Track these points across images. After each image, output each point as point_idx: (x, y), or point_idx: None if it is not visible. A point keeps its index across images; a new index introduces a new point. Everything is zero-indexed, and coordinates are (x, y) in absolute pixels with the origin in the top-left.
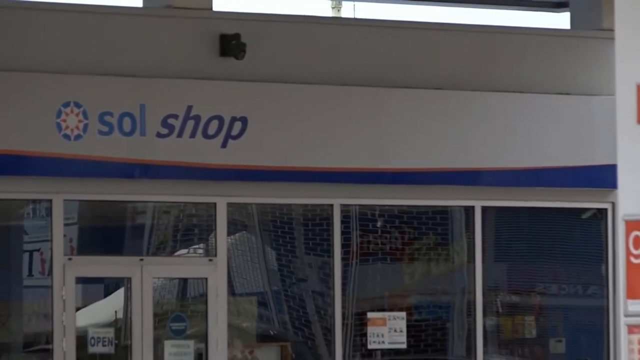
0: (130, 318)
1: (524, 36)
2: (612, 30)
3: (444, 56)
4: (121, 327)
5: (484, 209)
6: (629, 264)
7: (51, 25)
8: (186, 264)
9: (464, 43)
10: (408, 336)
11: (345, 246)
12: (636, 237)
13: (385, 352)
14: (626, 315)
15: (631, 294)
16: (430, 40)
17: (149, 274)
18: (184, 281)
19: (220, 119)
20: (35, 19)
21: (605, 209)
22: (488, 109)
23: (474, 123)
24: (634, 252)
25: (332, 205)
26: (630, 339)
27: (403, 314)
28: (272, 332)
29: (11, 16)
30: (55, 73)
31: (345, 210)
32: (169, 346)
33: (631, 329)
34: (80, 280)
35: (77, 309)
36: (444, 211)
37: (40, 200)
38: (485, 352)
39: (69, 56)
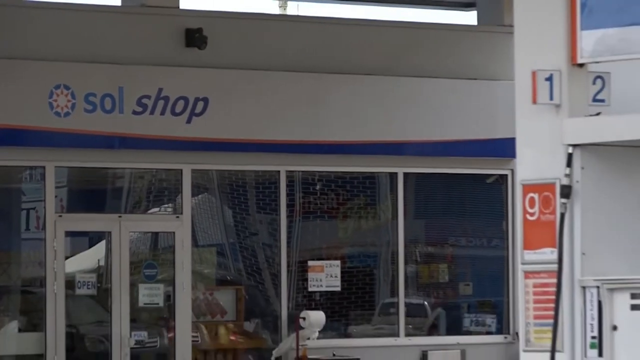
0: (110, 265)
1: (439, 31)
2: (511, 26)
3: (373, 47)
4: (103, 273)
5: (406, 175)
6: (525, 220)
7: (46, 20)
8: (157, 220)
9: (390, 36)
10: (342, 280)
11: (290, 206)
12: (531, 198)
13: (323, 294)
14: (523, 263)
15: (527, 246)
16: (362, 34)
17: (126, 229)
18: (155, 235)
19: (185, 99)
20: (33, 15)
21: (506, 175)
22: (409, 91)
23: (398, 103)
24: (529, 210)
25: (278, 172)
26: (526, 283)
27: (338, 262)
28: (228, 277)
29: (12, 13)
30: (48, 61)
31: (290, 176)
32: (143, 289)
33: (527, 274)
34: (69, 233)
35: (66, 258)
36: (372, 177)
37: (35, 167)
38: (406, 294)
39: (59, 46)
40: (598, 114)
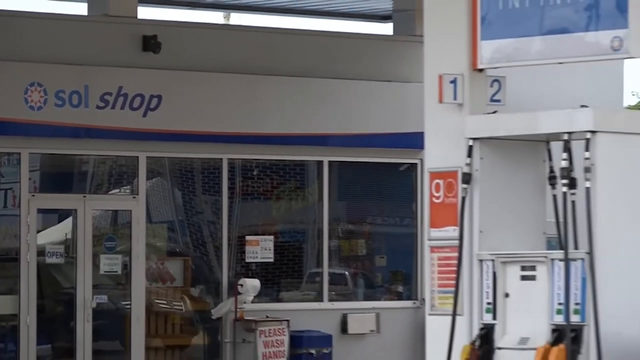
0: (76, 238)
1: (360, 39)
2: (422, 36)
3: (302, 52)
4: (69, 244)
5: (330, 163)
6: (431, 203)
7: (23, 27)
8: (116, 200)
9: (317, 43)
10: (275, 253)
11: (231, 189)
12: (437, 183)
13: (258, 264)
14: (429, 240)
15: (433, 224)
16: (292, 41)
17: (90, 207)
18: (114, 212)
19: (142, 96)
20: (12, 23)
21: (416, 164)
22: (333, 91)
23: (323, 101)
24: (435, 194)
25: (221, 159)
26: (432, 256)
27: (271, 237)
28: (177, 250)
29: None
30: (24, 62)
31: (231, 163)
32: (103, 259)
33: (432, 249)
34: (41, 210)
35: (38, 231)
36: (301, 164)
37: (12, 153)
38: (329, 265)
39: (34, 50)
40: (495, 112)
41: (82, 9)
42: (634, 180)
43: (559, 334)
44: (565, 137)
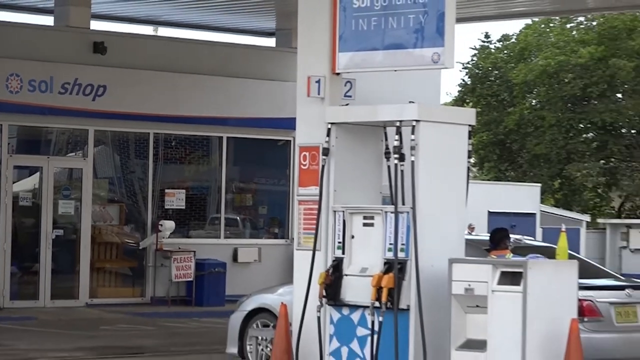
0: (41, 188)
1: (252, 49)
2: (296, 48)
3: (211, 58)
4: (37, 192)
5: (228, 138)
6: (300, 169)
7: (8, 32)
8: (71, 160)
9: (223, 51)
10: (186, 202)
11: (155, 155)
12: (304, 155)
13: (174, 210)
14: (298, 195)
15: (301, 184)
16: (203, 49)
17: (52, 165)
18: (70, 170)
19: (92, 85)
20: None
21: (290, 140)
22: (233, 86)
23: (224, 93)
24: (303, 163)
25: (149, 133)
26: (299, 208)
27: (183, 191)
28: (115, 198)
29: None
30: (7, 58)
31: (156, 136)
32: (61, 203)
33: (300, 202)
34: (16, 167)
35: (14, 182)
36: (207, 138)
37: None
38: (225, 212)
39: (15, 49)
40: (347, 104)
41: (49, 21)
42: (445, 156)
43: (389, 266)
44: (397, 124)
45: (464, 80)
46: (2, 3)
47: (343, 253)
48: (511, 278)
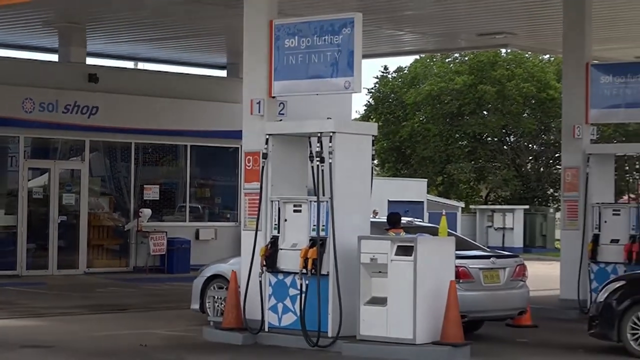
0: (50, 184)
1: (210, 78)
2: (242, 78)
3: (177, 86)
4: (46, 187)
5: (191, 146)
6: (245, 169)
7: (24, 66)
8: (72, 163)
9: (187, 80)
10: (159, 195)
11: (136, 158)
12: (248, 158)
13: (152, 201)
14: (244, 189)
15: (246, 181)
16: (172, 79)
17: (58, 167)
18: (72, 170)
19: (87, 106)
20: (18, 64)
21: (238, 147)
22: (194, 107)
23: (188, 112)
24: (247, 164)
25: (131, 142)
26: (245, 199)
27: (157, 186)
28: (106, 192)
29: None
30: (23, 86)
31: (137, 145)
32: (65, 196)
33: (245, 194)
34: (30, 169)
35: (28, 180)
36: (175, 146)
37: (14, 136)
38: (190, 202)
39: (29, 78)
40: (280, 120)
41: (55, 58)
42: (355, 158)
43: (313, 242)
44: (319, 134)
45: (368, 102)
46: (20, 44)
47: (278, 232)
48: (405, 250)
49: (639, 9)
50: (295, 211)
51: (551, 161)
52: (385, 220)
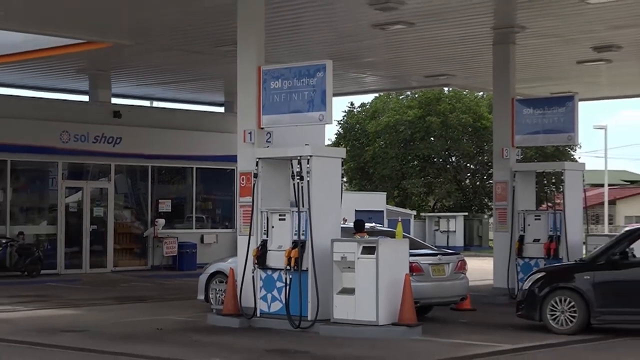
0: (83, 200)
1: (210, 114)
2: (236, 113)
3: (185, 120)
4: (80, 202)
5: (197, 168)
6: (240, 186)
7: (60, 106)
8: (101, 183)
9: (193, 116)
10: (172, 207)
11: (152, 178)
12: (242, 177)
13: (165, 212)
14: (239, 203)
15: (241, 195)
16: (180, 115)
17: (89, 186)
18: (100, 188)
19: (113, 137)
20: (55, 104)
21: (234, 169)
22: (199, 137)
23: (194, 140)
24: (242, 182)
25: (148, 166)
26: (240, 210)
27: (169, 200)
28: (128, 205)
29: (44, 104)
30: (60, 121)
31: (153, 167)
32: (95, 209)
33: (240, 206)
34: (67, 188)
35: (65, 197)
36: (184, 169)
37: (53, 162)
38: (196, 213)
39: (64, 115)
40: (268, 146)
41: (86, 98)
42: (328, 177)
43: (295, 244)
44: (299, 158)
45: (338, 131)
46: (57, 88)
47: (267, 237)
48: (369, 250)
49: (552, 55)
50: (280, 219)
51: (485, 177)
52: (353, 226)
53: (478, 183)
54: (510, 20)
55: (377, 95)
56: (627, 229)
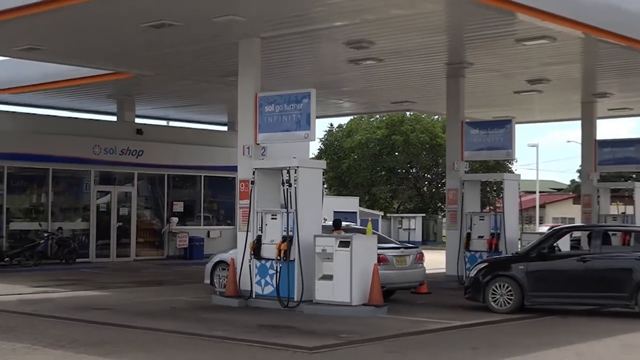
0: (111, 202)
1: (216, 132)
2: (237, 131)
3: (193, 136)
4: (109, 204)
5: (204, 176)
6: (240, 191)
7: (93, 126)
8: (126, 187)
9: (200, 133)
10: (184, 208)
11: (168, 184)
12: (242, 184)
13: (178, 212)
14: (239, 205)
15: (240, 199)
16: (189, 132)
17: (116, 190)
18: (125, 192)
19: (136, 150)
20: (89, 125)
21: (235, 177)
22: (206, 151)
23: (202, 153)
24: (241, 188)
25: (165, 174)
26: (239, 211)
27: (182, 202)
28: (149, 206)
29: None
30: (92, 137)
31: (169, 175)
32: (121, 209)
33: (240, 208)
34: (98, 191)
35: (97, 199)
36: (194, 176)
37: (86, 170)
38: (204, 212)
39: (95, 132)
40: (262, 159)
41: (114, 118)
42: (311, 184)
43: (284, 239)
44: (288, 168)
45: (320, 147)
46: (90, 109)
47: (261, 233)
48: (344, 244)
49: (494, 87)
50: (272, 219)
51: (440, 185)
52: (332, 224)
53: (434, 190)
54: (460, 57)
55: (352, 117)
56: (554, 228)
